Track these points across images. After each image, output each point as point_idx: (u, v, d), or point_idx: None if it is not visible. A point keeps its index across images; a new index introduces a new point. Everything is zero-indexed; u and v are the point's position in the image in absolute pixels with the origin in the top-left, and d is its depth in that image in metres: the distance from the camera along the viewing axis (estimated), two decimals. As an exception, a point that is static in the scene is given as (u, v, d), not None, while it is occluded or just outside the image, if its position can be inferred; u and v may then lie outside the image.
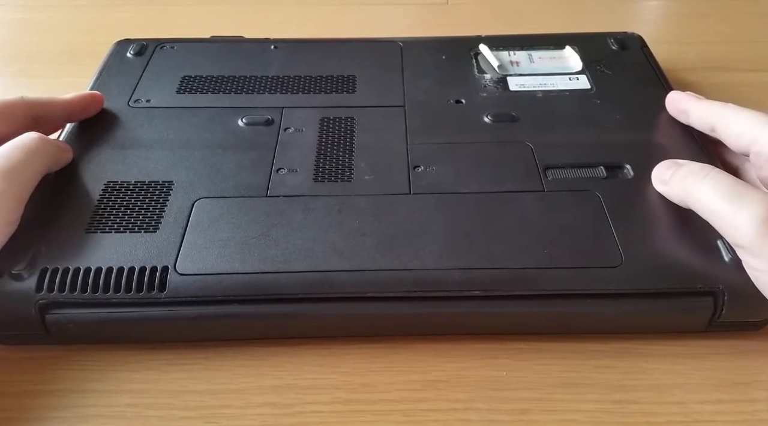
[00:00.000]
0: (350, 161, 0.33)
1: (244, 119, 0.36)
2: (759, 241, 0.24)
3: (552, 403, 0.26)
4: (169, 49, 0.42)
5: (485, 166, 0.32)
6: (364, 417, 0.26)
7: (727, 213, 0.25)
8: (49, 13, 0.55)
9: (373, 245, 0.28)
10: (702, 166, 0.28)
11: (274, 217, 0.29)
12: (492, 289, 0.27)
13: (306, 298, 0.27)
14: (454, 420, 0.26)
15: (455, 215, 0.29)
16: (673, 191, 0.29)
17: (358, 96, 0.38)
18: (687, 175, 0.28)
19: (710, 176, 0.27)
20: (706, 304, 0.27)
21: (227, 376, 0.27)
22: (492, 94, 0.38)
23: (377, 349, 0.28)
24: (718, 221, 0.26)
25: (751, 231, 0.24)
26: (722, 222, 0.26)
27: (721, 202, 0.26)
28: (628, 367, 0.27)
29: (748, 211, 0.25)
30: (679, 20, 0.56)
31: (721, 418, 0.26)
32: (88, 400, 0.26)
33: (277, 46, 0.42)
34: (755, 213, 0.24)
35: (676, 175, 0.29)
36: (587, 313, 0.27)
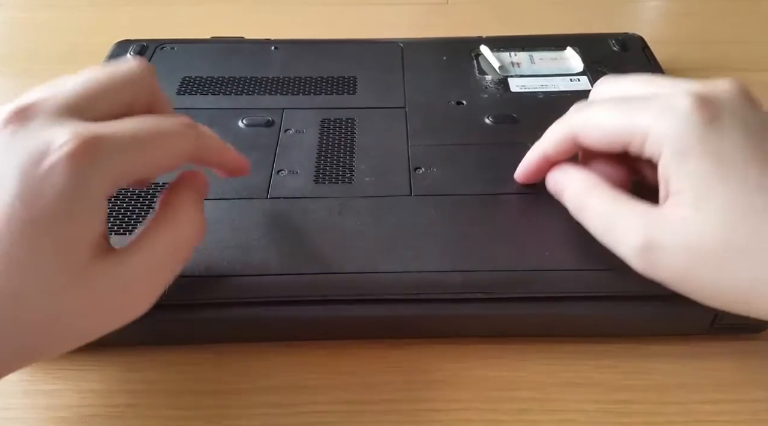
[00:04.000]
0: (351, 163, 0.33)
1: (244, 120, 0.36)
2: (646, 271, 0.24)
3: (552, 403, 0.26)
4: (169, 49, 0.42)
5: (486, 167, 0.32)
6: (364, 417, 0.26)
7: (611, 246, 0.25)
8: (49, 13, 0.55)
9: (374, 247, 0.28)
10: (580, 188, 0.27)
11: (275, 218, 0.29)
12: (493, 291, 0.27)
13: (307, 300, 0.27)
14: (454, 420, 0.26)
15: (456, 217, 0.29)
16: (568, 206, 0.28)
17: (359, 97, 0.38)
18: (569, 201, 0.28)
19: (588, 207, 0.26)
20: (707, 306, 0.27)
21: (227, 376, 0.27)
22: (493, 95, 0.38)
23: (377, 349, 0.28)
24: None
25: (636, 263, 0.24)
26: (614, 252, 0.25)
27: (602, 237, 0.26)
28: (628, 367, 0.27)
29: (624, 245, 0.24)
30: (679, 20, 0.56)
31: (722, 418, 0.26)
32: (88, 400, 0.26)
33: (277, 47, 0.42)
34: (630, 244, 0.24)
35: (563, 194, 0.28)
36: (589, 316, 0.27)
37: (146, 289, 0.23)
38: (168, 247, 0.24)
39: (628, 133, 0.25)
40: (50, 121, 0.22)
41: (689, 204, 0.23)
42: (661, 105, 0.24)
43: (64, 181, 0.20)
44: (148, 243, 0.23)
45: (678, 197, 0.23)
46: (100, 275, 0.22)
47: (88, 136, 0.21)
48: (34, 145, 0.21)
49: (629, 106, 0.25)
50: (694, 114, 0.23)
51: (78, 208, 0.21)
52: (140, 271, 0.23)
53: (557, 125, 0.28)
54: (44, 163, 0.20)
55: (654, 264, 0.24)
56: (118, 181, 0.22)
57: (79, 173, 0.21)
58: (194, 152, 0.25)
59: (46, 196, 0.20)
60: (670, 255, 0.23)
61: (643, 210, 0.24)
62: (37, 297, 0.21)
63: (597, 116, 0.26)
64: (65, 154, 0.20)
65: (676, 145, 0.23)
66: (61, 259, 0.21)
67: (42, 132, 0.21)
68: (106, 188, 0.22)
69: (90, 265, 0.21)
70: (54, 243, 0.21)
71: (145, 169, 0.23)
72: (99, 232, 0.22)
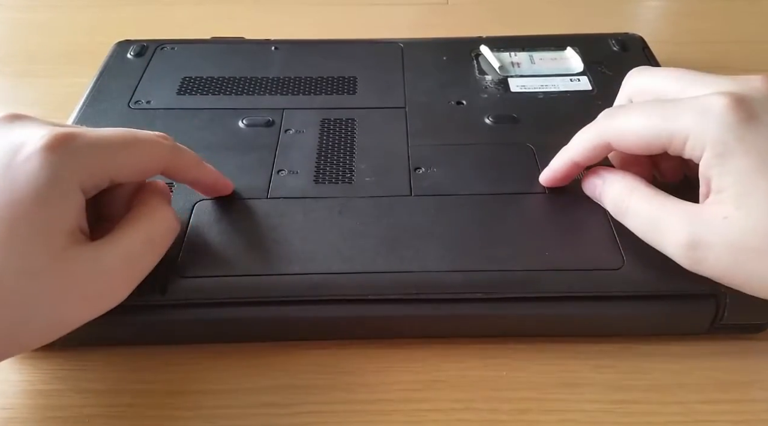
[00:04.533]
0: (351, 163, 0.33)
1: (244, 120, 0.36)
2: (693, 267, 0.25)
3: (552, 403, 0.26)
4: (169, 50, 0.42)
5: (486, 167, 0.32)
6: (364, 417, 0.26)
7: (657, 245, 0.26)
8: (49, 13, 0.55)
9: (374, 247, 0.28)
10: (620, 191, 0.27)
11: (275, 218, 0.29)
12: (493, 291, 0.27)
13: (307, 301, 0.27)
14: (454, 420, 0.26)
15: (456, 217, 0.29)
16: (608, 208, 0.28)
17: (359, 97, 0.38)
18: (610, 204, 0.28)
19: (630, 209, 0.27)
20: (707, 306, 0.27)
21: (227, 376, 0.27)
22: (493, 95, 0.38)
23: (377, 349, 0.28)
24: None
25: (683, 261, 0.25)
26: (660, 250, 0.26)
27: (647, 235, 0.26)
28: (628, 367, 0.27)
29: (670, 244, 0.25)
30: (679, 20, 0.56)
31: (722, 418, 0.26)
32: (87, 399, 0.26)
33: (277, 47, 0.42)
34: (676, 243, 0.25)
35: (604, 197, 0.28)
36: (588, 316, 0.27)
37: (122, 279, 0.25)
38: (142, 240, 0.25)
39: (667, 137, 0.25)
40: (35, 124, 0.25)
41: (731, 201, 0.23)
42: (697, 107, 0.24)
43: (37, 168, 0.23)
44: (125, 235, 0.25)
45: (720, 195, 0.24)
46: (77, 261, 0.23)
47: (62, 132, 0.24)
48: (16, 139, 0.23)
49: (664, 110, 0.26)
50: (730, 114, 0.24)
51: (50, 194, 0.23)
52: (117, 260, 0.24)
53: (588, 132, 0.28)
54: (21, 154, 0.23)
55: (700, 261, 0.24)
56: (93, 176, 0.24)
57: (52, 162, 0.23)
58: (169, 163, 0.27)
59: (20, 182, 0.22)
60: (715, 252, 0.24)
61: (686, 209, 0.25)
62: (14, 277, 0.22)
63: (632, 122, 0.26)
64: (40, 146, 0.23)
65: (716, 146, 0.24)
66: (37, 242, 0.22)
67: (24, 130, 0.24)
68: (78, 179, 0.24)
69: (67, 250, 0.23)
70: (30, 225, 0.22)
71: (118, 169, 0.25)
72: (74, 221, 0.23)
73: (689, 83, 0.27)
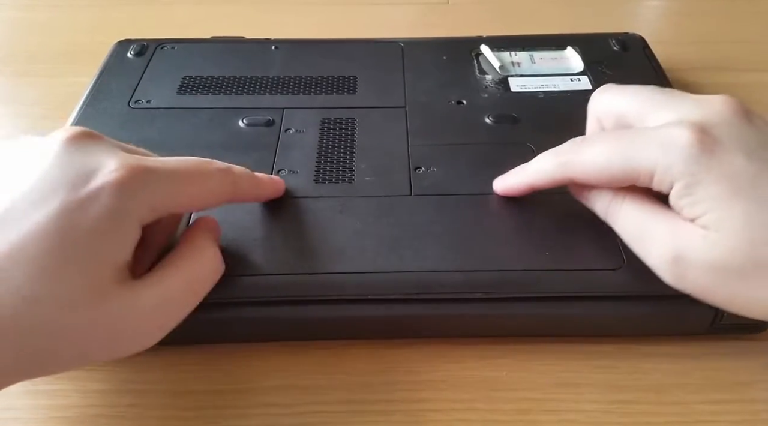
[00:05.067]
0: (351, 162, 0.33)
1: (244, 120, 0.36)
2: (674, 282, 0.25)
3: (552, 403, 0.26)
4: (169, 49, 0.42)
5: (486, 167, 0.32)
6: (364, 417, 0.26)
7: (641, 256, 0.26)
8: (49, 13, 0.55)
9: (374, 247, 0.28)
10: (606, 201, 0.27)
11: (275, 218, 0.29)
12: (493, 291, 0.27)
13: (307, 301, 0.27)
14: (454, 420, 0.26)
15: (456, 217, 0.30)
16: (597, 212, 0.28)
17: (359, 97, 0.38)
18: (598, 209, 0.27)
19: (620, 214, 0.26)
20: (707, 306, 0.27)
21: (227, 376, 0.27)
22: (493, 94, 0.38)
23: (377, 349, 0.28)
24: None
25: (665, 276, 0.25)
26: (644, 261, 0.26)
27: (632, 245, 0.26)
28: (628, 367, 0.27)
29: (654, 256, 0.25)
30: (679, 20, 0.56)
31: (722, 418, 0.26)
32: (88, 400, 0.26)
33: (277, 47, 0.42)
34: (659, 256, 0.25)
35: (592, 205, 0.28)
36: (588, 316, 0.27)
37: (157, 322, 0.24)
38: (183, 283, 0.25)
39: (633, 172, 0.25)
40: (107, 150, 0.24)
41: (709, 225, 0.23)
42: (662, 141, 0.24)
43: (108, 203, 0.22)
44: (165, 277, 0.24)
45: (697, 221, 0.24)
46: (116, 300, 0.22)
47: (135, 166, 0.23)
48: (88, 165, 0.23)
49: (628, 145, 0.25)
50: (695, 146, 0.24)
51: (114, 231, 0.23)
52: (153, 303, 0.23)
53: (550, 164, 0.28)
54: (92, 184, 0.22)
55: (682, 277, 0.24)
56: (156, 210, 0.24)
57: (122, 198, 0.22)
58: (232, 195, 0.27)
59: (88, 214, 0.22)
60: (696, 270, 0.24)
61: (672, 222, 0.25)
62: (55, 307, 0.21)
63: (595, 160, 0.26)
64: (112, 180, 0.22)
65: (685, 178, 0.24)
66: (87, 276, 0.22)
67: (97, 156, 0.23)
68: (143, 215, 0.23)
69: (110, 288, 0.22)
70: (83, 259, 0.22)
71: (181, 203, 0.25)
72: (127, 257, 0.23)
73: (651, 106, 0.26)
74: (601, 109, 0.29)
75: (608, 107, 0.28)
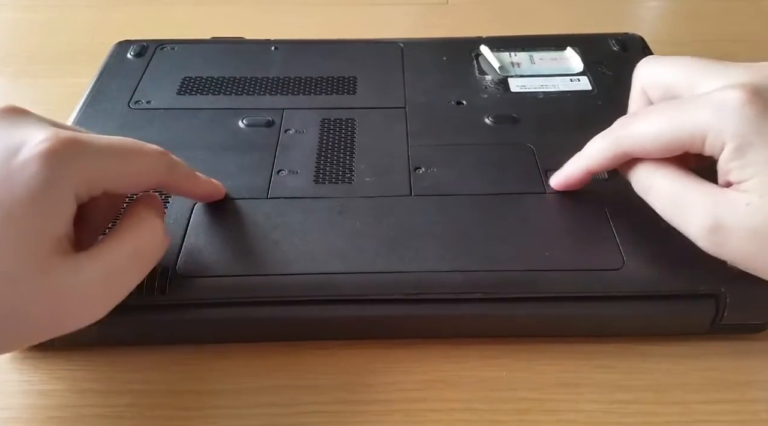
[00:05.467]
0: (351, 163, 0.33)
1: (244, 120, 0.36)
2: (713, 250, 0.25)
3: (552, 403, 0.26)
4: (169, 50, 0.42)
5: (486, 167, 0.32)
6: (365, 417, 0.26)
7: (679, 226, 0.26)
8: (49, 13, 0.55)
9: (374, 247, 0.28)
10: (646, 167, 0.27)
11: (275, 219, 0.29)
12: (493, 291, 0.27)
13: (307, 301, 0.27)
14: (454, 420, 0.26)
15: (456, 217, 0.29)
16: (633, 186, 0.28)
17: (359, 97, 0.38)
18: (635, 181, 0.27)
19: (654, 186, 0.26)
20: (707, 306, 0.27)
21: (228, 376, 0.27)
22: (493, 95, 0.38)
23: (377, 350, 0.28)
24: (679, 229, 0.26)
25: (704, 244, 0.25)
26: (681, 231, 0.26)
27: (669, 214, 0.26)
28: (628, 367, 0.27)
29: (692, 225, 0.25)
30: (679, 20, 0.56)
31: (722, 418, 0.26)
32: (88, 400, 0.26)
33: (277, 47, 0.42)
34: (698, 225, 0.25)
35: (629, 176, 0.28)
36: (588, 316, 0.27)
37: (103, 294, 0.24)
38: (127, 254, 0.24)
39: (687, 139, 0.25)
40: (36, 123, 0.23)
41: (754, 191, 0.23)
42: (713, 103, 0.24)
43: (35, 174, 0.22)
44: (110, 248, 0.24)
45: (741, 186, 0.24)
46: (59, 272, 0.22)
47: (65, 137, 0.23)
48: (15, 138, 0.22)
49: (679, 111, 0.25)
50: (747, 107, 0.23)
51: (44, 200, 0.22)
52: (99, 274, 0.23)
53: (603, 142, 0.28)
54: (20, 156, 0.22)
55: (721, 245, 0.24)
56: (90, 184, 0.24)
57: (51, 168, 0.22)
58: (163, 179, 0.27)
59: (16, 185, 0.22)
60: (736, 238, 0.24)
61: (710, 191, 0.25)
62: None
63: (648, 129, 0.26)
64: (40, 150, 0.22)
65: (735, 140, 0.24)
66: (24, 247, 0.22)
67: (26, 129, 0.23)
68: (75, 187, 0.23)
69: (51, 259, 0.22)
70: (18, 230, 0.21)
71: (114, 179, 0.25)
72: (63, 229, 0.23)
73: (701, 75, 0.26)
74: (647, 80, 0.29)
75: (655, 78, 0.28)
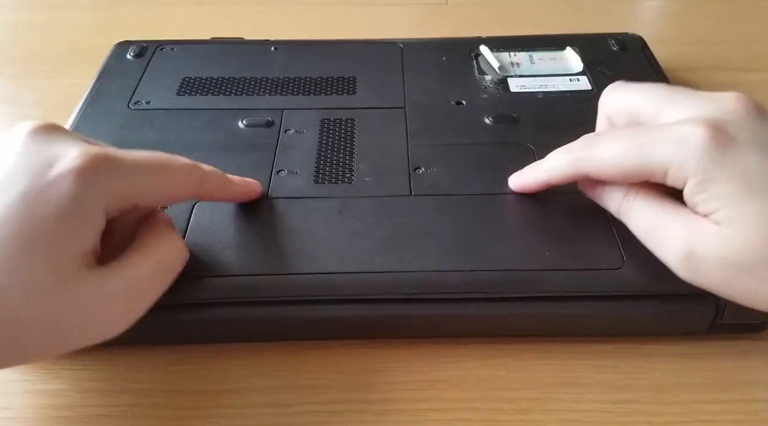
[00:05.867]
0: (351, 163, 0.33)
1: (244, 121, 0.36)
2: (688, 277, 0.25)
3: (552, 403, 0.26)
4: (169, 50, 0.42)
5: (486, 167, 0.32)
6: (364, 417, 0.26)
7: (655, 252, 0.26)
8: (49, 14, 0.55)
9: (374, 247, 0.28)
10: (619, 198, 0.27)
11: (275, 219, 0.29)
12: (493, 291, 0.27)
13: (307, 301, 0.27)
14: (454, 420, 0.26)
15: (456, 217, 0.29)
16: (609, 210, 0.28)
17: (359, 97, 0.38)
18: (611, 206, 0.28)
19: (633, 211, 0.27)
20: (707, 306, 0.27)
21: (227, 376, 0.27)
22: (493, 95, 0.38)
23: (378, 350, 0.28)
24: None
25: (679, 270, 0.25)
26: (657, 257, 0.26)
27: (645, 241, 0.26)
28: (628, 367, 0.27)
29: (667, 252, 0.25)
30: (678, 20, 0.56)
31: (722, 417, 0.26)
32: (89, 399, 0.26)
33: (277, 48, 0.42)
34: (673, 252, 0.25)
35: (604, 203, 0.28)
36: (588, 316, 0.27)
37: (126, 307, 0.24)
38: (151, 268, 0.25)
39: (646, 169, 0.25)
40: (70, 140, 0.24)
41: (720, 222, 0.24)
42: (676, 137, 0.24)
43: (68, 190, 0.22)
44: (132, 262, 0.24)
45: (708, 216, 0.24)
46: (85, 285, 0.23)
47: (97, 154, 0.23)
48: (49, 154, 0.23)
49: (641, 141, 0.25)
50: (709, 143, 0.24)
51: (75, 216, 0.22)
52: (122, 287, 0.24)
53: (564, 159, 0.28)
54: (53, 171, 0.22)
55: (695, 272, 0.24)
56: (121, 200, 0.24)
57: (84, 184, 0.22)
58: (196, 192, 0.27)
59: (49, 200, 0.22)
60: (710, 265, 0.24)
61: (685, 218, 0.25)
62: (22, 295, 0.21)
63: (610, 156, 0.26)
64: (74, 166, 0.23)
65: (698, 174, 0.24)
66: (51, 262, 0.22)
67: (60, 146, 0.23)
68: (106, 203, 0.23)
69: (77, 274, 0.22)
70: (47, 246, 0.22)
71: (146, 195, 0.25)
72: (91, 244, 0.23)
73: (665, 104, 0.26)
74: (612, 106, 0.29)
75: (620, 105, 0.28)
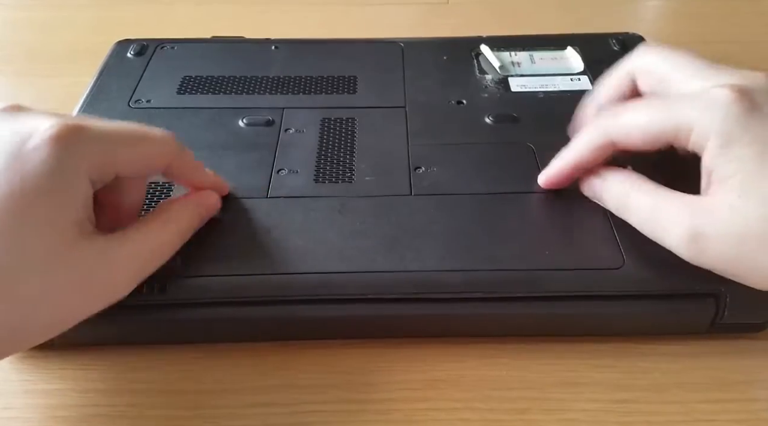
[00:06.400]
0: (351, 162, 0.33)
1: (244, 120, 0.36)
2: (694, 259, 0.25)
3: (552, 402, 0.26)
4: (169, 49, 0.42)
5: (486, 167, 0.32)
6: (364, 417, 0.26)
7: (658, 238, 0.26)
8: (49, 13, 0.55)
9: (374, 246, 0.28)
10: (621, 187, 0.27)
11: (275, 218, 0.29)
12: (493, 290, 0.27)
13: (307, 300, 0.27)
14: (454, 420, 0.26)
15: (456, 216, 0.29)
16: (609, 207, 0.29)
17: (359, 97, 0.38)
18: (611, 203, 0.28)
19: (632, 204, 0.27)
20: (707, 306, 0.27)
21: (227, 376, 0.27)
22: (493, 94, 0.38)
23: (377, 349, 0.28)
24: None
25: (684, 253, 0.25)
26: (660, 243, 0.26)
27: (649, 229, 0.26)
28: (628, 367, 0.27)
29: (671, 236, 0.25)
30: (679, 20, 0.56)
31: (722, 417, 0.26)
32: (88, 399, 0.26)
33: (277, 47, 0.42)
34: (677, 235, 0.25)
35: (604, 195, 0.28)
36: (588, 315, 0.27)
37: (128, 273, 0.25)
38: (153, 245, 0.26)
39: (672, 130, 0.25)
40: (41, 114, 0.24)
41: (735, 189, 0.24)
42: (702, 100, 0.25)
43: (46, 160, 0.22)
44: (138, 235, 0.25)
45: (724, 184, 0.24)
46: (86, 253, 0.23)
47: (71, 123, 0.23)
48: (23, 128, 0.23)
49: (669, 104, 0.26)
50: (735, 104, 0.24)
51: (58, 184, 0.22)
52: (124, 255, 0.24)
53: (591, 133, 0.28)
54: (29, 143, 0.22)
55: (702, 252, 0.24)
56: (101, 168, 0.24)
57: (60, 152, 0.22)
58: (172, 162, 0.27)
59: (28, 171, 0.22)
60: (717, 242, 0.24)
61: (687, 200, 0.25)
62: (24, 272, 0.22)
63: (637, 120, 0.26)
64: (49, 136, 0.22)
65: (721, 135, 0.24)
66: (46, 233, 0.22)
67: (31, 120, 0.23)
68: (86, 169, 0.23)
69: (76, 242, 0.23)
70: (36, 216, 0.22)
71: (124, 163, 0.25)
72: (81, 211, 0.23)
73: (694, 74, 0.27)
74: (643, 67, 0.29)
75: (651, 67, 0.29)
